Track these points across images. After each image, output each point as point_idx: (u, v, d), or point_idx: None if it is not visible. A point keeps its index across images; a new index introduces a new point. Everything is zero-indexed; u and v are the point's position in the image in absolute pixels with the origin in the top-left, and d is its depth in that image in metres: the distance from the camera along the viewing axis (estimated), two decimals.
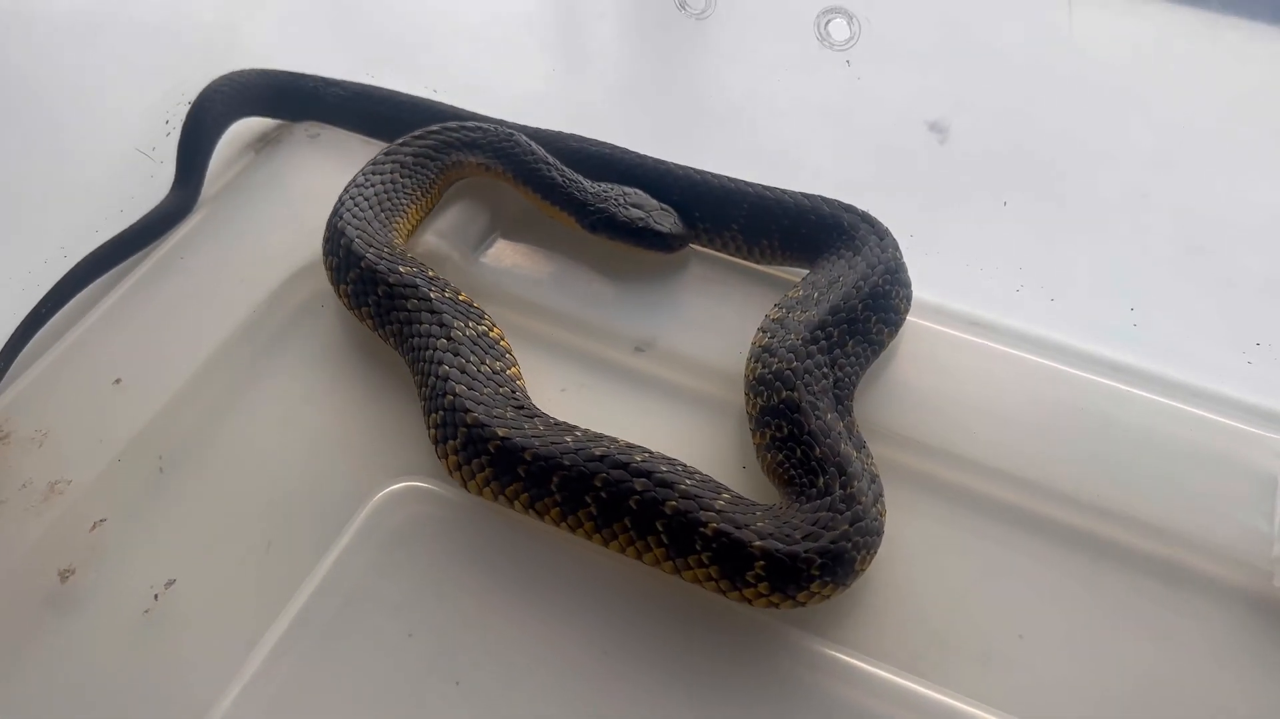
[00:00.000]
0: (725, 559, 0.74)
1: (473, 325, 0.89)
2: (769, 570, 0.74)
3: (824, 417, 0.82)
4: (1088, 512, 0.84)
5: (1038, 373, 0.92)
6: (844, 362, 0.87)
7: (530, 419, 0.82)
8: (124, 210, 1.02)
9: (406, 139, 1.03)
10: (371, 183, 0.98)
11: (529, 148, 1.02)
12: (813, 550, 0.74)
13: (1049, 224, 1.05)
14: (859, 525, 0.76)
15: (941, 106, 1.14)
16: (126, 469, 0.86)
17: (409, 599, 0.78)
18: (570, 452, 0.78)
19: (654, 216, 0.98)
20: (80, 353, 0.93)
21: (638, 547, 0.77)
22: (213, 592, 0.79)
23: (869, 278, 0.91)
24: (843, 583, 0.76)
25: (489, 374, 0.85)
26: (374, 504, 0.83)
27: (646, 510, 0.76)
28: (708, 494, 0.77)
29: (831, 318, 0.88)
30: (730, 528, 0.75)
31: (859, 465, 0.80)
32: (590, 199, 0.99)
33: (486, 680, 0.75)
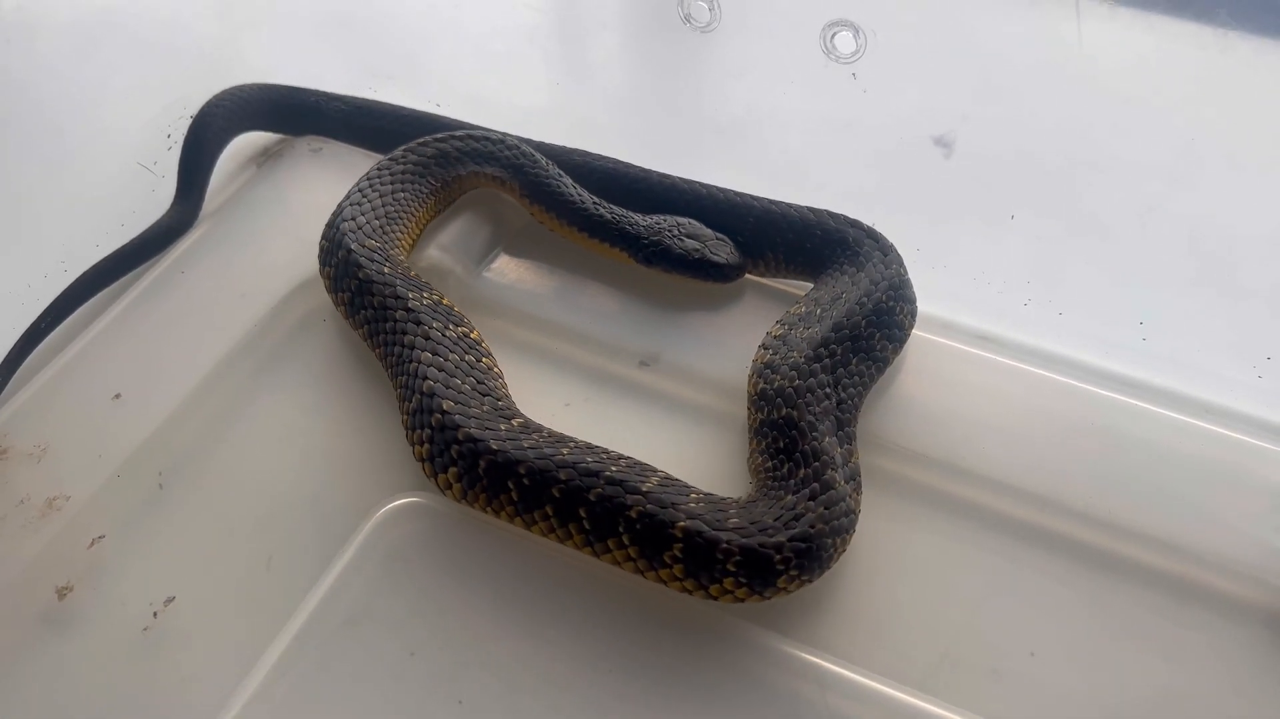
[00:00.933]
0: (696, 558, 0.74)
1: (453, 328, 0.88)
2: (742, 565, 0.74)
3: (820, 439, 0.81)
4: (1098, 527, 0.83)
5: (1046, 387, 0.91)
6: (847, 381, 0.86)
7: (506, 420, 0.82)
8: (125, 224, 1.02)
9: (411, 145, 1.02)
10: (375, 188, 0.98)
11: (556, 176, 1.00)
12: (787, 540, 0.74)
13: (1057, 237, 1.04)
14: (833, 511, 0.77)
15: (947, 120, 1.13)
16: (125, 485, 0.85)
17: (410, 617, 0.77)
18: (541, 457, 0.78)
19: (710, 247, 0.96)
20: (80, 367, 0.92)
21: (601, 548, 0.77)
22: (212, 609, 0.78)
23: (872, 294, 0.90)
24: (816, 572, 0.76)
25: (473, 387, 0.85)
26: (375, 521, 0.82)
27: (609, 513, 0.76)
28: (677, 495, 0.77)
29: (834, 334, 0.87)
30: (702, 526, 0.74)
31: (839, 459, 0.80)
32: (643, 232, 0.97)
33: (490, 699, 0.73)
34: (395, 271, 0.91)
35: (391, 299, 0.89)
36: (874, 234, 0.96)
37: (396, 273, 0.91)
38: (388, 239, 0.94)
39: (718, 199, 1.02)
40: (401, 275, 0.91)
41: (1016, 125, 1.12)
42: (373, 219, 0.95)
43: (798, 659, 0.75)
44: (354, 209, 0.95)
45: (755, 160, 1.13)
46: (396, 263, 0.92)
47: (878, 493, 0.85)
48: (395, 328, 0.87)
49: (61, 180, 1.03)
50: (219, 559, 0.81)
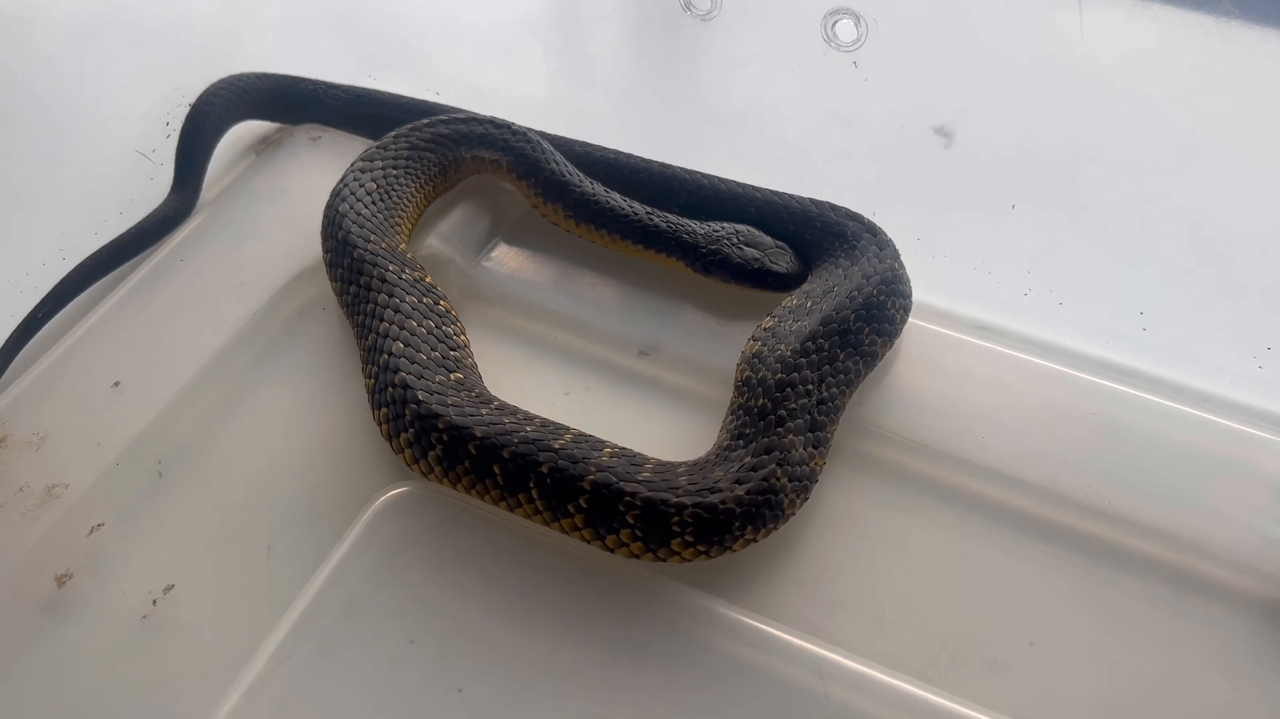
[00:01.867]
0: (650, 522, 0.75)
1: (426, 302, 0.89)
2: (694, 520, 0.75)
3: (786, 436, 0.81)
4: (1097, 517, 0.83)
5: (1046, 377, 0.91)
6: (831, 380, 0.86)
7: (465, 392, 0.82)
8: (124, 213, 1.01)
9: (419, 124, 1.02)
10: (373, 168, 0.98)
11: (583, 181, 0.99)
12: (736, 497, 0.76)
13: (1057, 228, 1.04)
14: (787, 469, 0.78)
15: (948, 110, 1.13)
16: (125, 473, 0.84)
17: (410, 606, 0.77)
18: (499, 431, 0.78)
19: (770, 256, 0.95)
20: (78, 356, 0.92)
21: (551, 516, 0.78)
22: (211, 598, 0.78)
23: (863, 288, 0.89)
24: (772, 526, 0.78)
25: (438, 361, 0.85)
26: (373, 511, 0.81)
27: (563, 483, 0.76)
28: (631, 464, 0.78)
29: (823, 328, 0.86)
30: (653, 492, 0.75)
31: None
32: (701, 241, 0.96)
33: (489, 689, 0.73)
34: (384, 247, 0.91)
35: (372, 271, 0.89)
36: (873, 228, 0.96)
37: (383, 248, 0.91)
38: (387, 219, 0.94)
39: (719, 190, 1.02)
40: (388, 250, 0.91)
41: (1017, 116, 1.12)
42: (372, 198, 0.96)
43: (798, 648, 0.75)
44: (353, 187, 0.96)
45: (756, 151, 1.13)
46: (390, 240, 0.93)
47: (878, 483, 0.86)
48: (369, 297, 0.88)
49: (60, 169, 1.03)
50: (218, 548, 0.81)
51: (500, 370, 0.93)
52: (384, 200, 0.96)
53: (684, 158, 1.05)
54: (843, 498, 0.85)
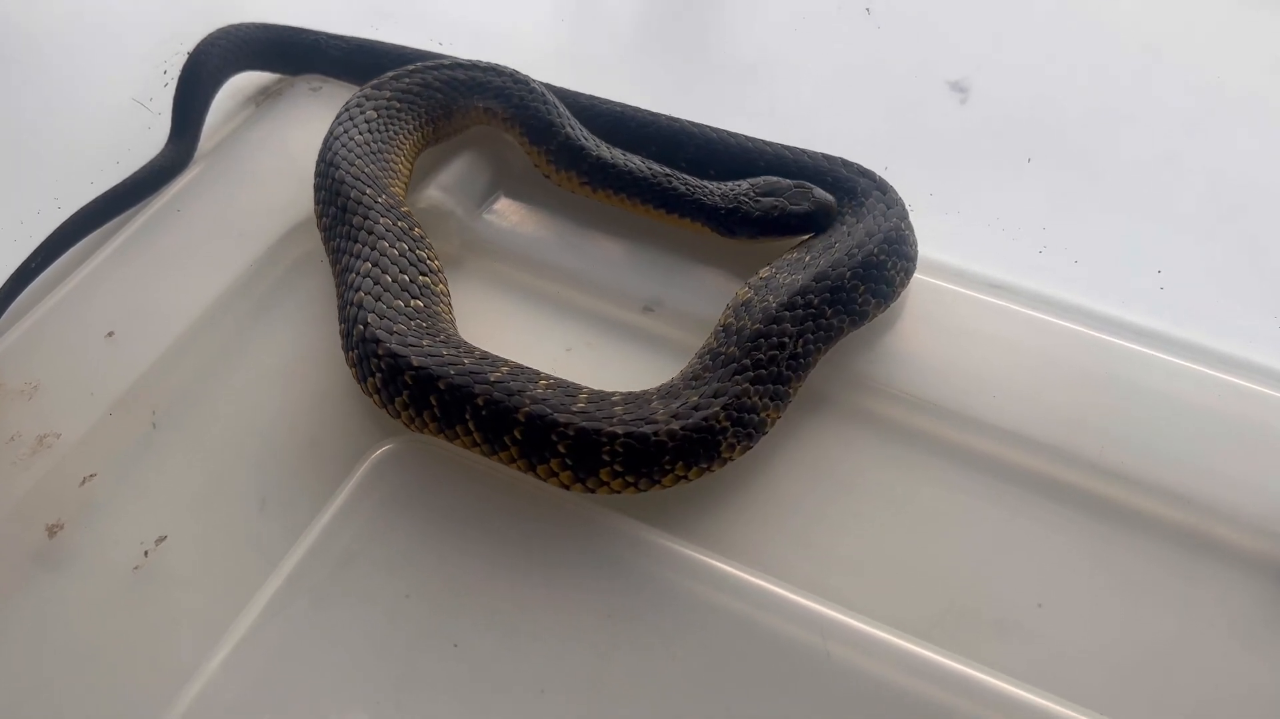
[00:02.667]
0: (580, 451, 0.75)
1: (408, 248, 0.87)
2: (625, 451, 0.75)
3: (741, 384, 0.79)
4: (1110, 479, 0.81)
5: (1060, 336, 0.89)
6: (811, 336, 0.83)
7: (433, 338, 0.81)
8: (120, 162, 1.00)
9: (415, 68, 1.00)
10: (367, 110, 0.97)
11: (596, 146, 0.96)
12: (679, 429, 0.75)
13: (1074, 186, 1.01)
14: (732, 414, 0.77)
15: (964, 64, 1.10)
16: (118, 423, 0.83)
17: (406, 559, 0.76)
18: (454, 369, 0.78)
19: (789, 198, 0.91)
20: (72, 305, 0.91)
21: (528, 464, 0.77)
22: (204, 549, 0.77)
23: (864, 246, 0.87)
24: (705, 465, 0.78)
25: (406, 303, 0.84)
26: (371, 462, 0.80)
27: (540, 430, 0.75)
28: (563, 397, 0.77)
29: (815, 284, 0.84)
30: (586, 422, 0.75)
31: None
32: (720, 202, 0.92)
33: (486, 643, 0.72)
34: (364, 172, 0.90)
35: (349, 193, 0.88)
36: (883, 185, 0.93)
37: (364, 173, 0.90)
38: (380, 156, 0.93)
39: (728, 144, 0.99)
40: (368, 176, 0.90)
41: (1035, 71, 1.10)
42: (365, 134, 0.94)
43: (799, 607, 0.73)
44: (345, 125, 0.95)
45: (766, 105, 1.10)
46: (382, 186, 0.91)
47: (885, 442, 0.84)
48: (345, 219, 0.87)
49: (56, 117, 1.02)
50: (212, 499, 0.80)
51: (501, 325, 0.91)
52: (378, 136, 0.95)
53: (692, 111, 1.02)
54: (848, 456, 0.83)
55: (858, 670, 0.71)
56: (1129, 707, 0.70)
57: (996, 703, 0.69)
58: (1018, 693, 0.69)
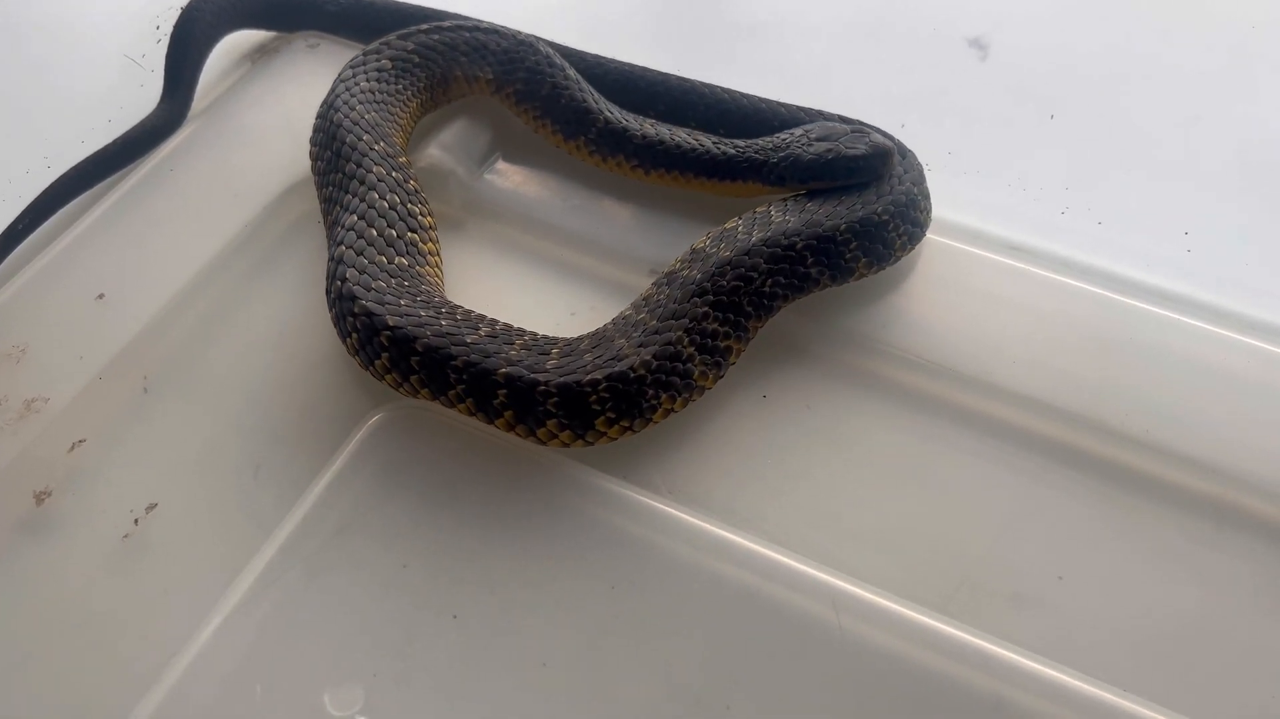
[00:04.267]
0: (519, 402, 0.74)
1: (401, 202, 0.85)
2: (560, 407, 0.73)
3: (700, 307, 0.77)
4: (1133, 446, 0.78)
5: (1082, 300, 0.86)
6: (783, 280, 0.81)
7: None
8: (113, 121, 0.97)
9: (429, 28, 0.97)
10: (380, 60, 0.94)
11: (640, 124, 0.91)
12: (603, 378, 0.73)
13: (1097, 146, 0.98)
14: (695, 338, 0.76)
15: (984, 20, 1.07)
16: (108, 388, 0.81)
17: (403, 528, 0.73)
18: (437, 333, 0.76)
19: (845, 142, 0.86)
20: (62, 267, 0.88)
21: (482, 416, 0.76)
22: (196, 517, 0.75)
23: (868, 204, 0.83)
24: (635, 419, 0.76)
25: (388, 260, 0.81)
26: (368, 429, 0.78)
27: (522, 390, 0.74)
28: (500, 344, 0.76)
29: (805, 229, 0.81)
30: (522, 371, 0.74)
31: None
32: (771, 155, 0.87)
33: (486, 614, 0.70)
34: (365, 119, 0.88)
35: (345, 138, 0.86)
36: (902, 149, 0.90)
37: (365, 119, 0.88)
38: (383, 111, 0.91)
39: (741, 105, 0.96)
40: (368, 123, 0.88)
41: (1057, 28, 1.06)
42: (371, 92, 0.92)
43: (809, 578, 0.71)
44: (353, 77, 0.92)
45: (780, 64, 1.07)
46: (381, 134, 0.89)
47: (899, 408, 0.81)
48: (342, 185, 0.85)
49: (46, 74, 0.99)
50: (205, 466, 0.77)
51: (502, 288, 0.89)
52: (384, 87, 0.93)
53: (703, 70, 0.99)
54: (860, 424, 0.80)
55: (870, 644, 0.68)
56: (1151, 680, 0.67)
57: (1014, 677, 0.66)
58: (1036, 667, 0.67)
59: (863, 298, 0.85)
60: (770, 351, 0.83)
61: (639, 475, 0.76)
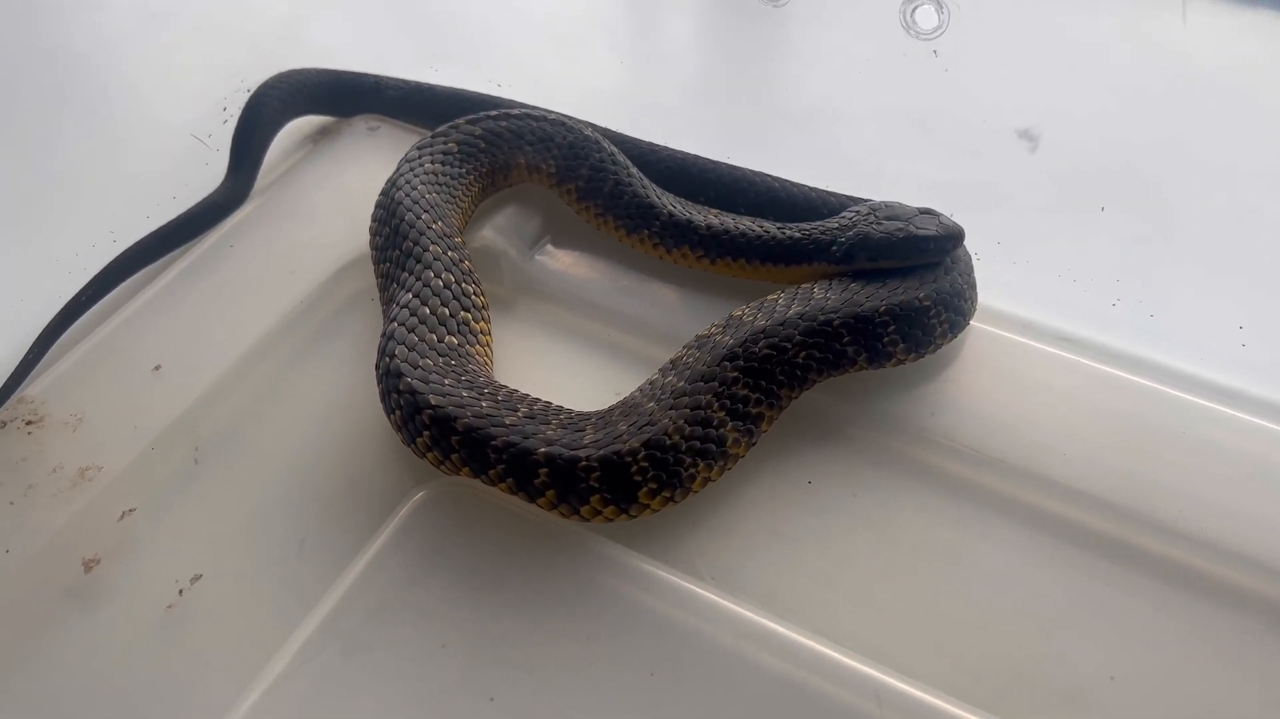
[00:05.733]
0: (561, 480, 0.74)
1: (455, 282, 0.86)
2: (602, 481, 0.73)
3: (730, 372, 0.77)
4: (1189, 544, 0.76)
5: (1135, 393, 0.84)
6: (817, 354, 0.81)
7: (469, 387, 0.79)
8: (177, 197, 1.00)
9: (498, 114, 1.00)
10: (447, 143, 0.96)
11: (702, 215, 0.92)
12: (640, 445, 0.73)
13: (1149, 237, 0.97)
14: (725, 402, 0.76)
15: (1034, 112, 1.07)
16: (160, 457, 0.82)
17: (443, 608, 0.73)
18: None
19: (915, 223, 0.85)
20: (121, 338, 0.90)
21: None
22: (240, 589, 0.75)
23: (909, 289, 0.83)
24: (677, 488, 0.76)
25: (438, 339, 0.82)
26: (411, 506, 0.78)
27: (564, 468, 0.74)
28: (538, 425, 0.76)
29: (843, 307, 0.81)
30: (561, 450, 0.74)
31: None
32: (837, 234, 0.87)
33: (522, 698, 0.69)
34: (433, 218, 0.89)
35: (410, 240, 0.87)
36: None
37: (435, 219, 0.89)
38: (444, 192, 0.93)
39: (791, 193, 0.97)
40: (427, 203, 0.90)
41: (1110, 120, 1.06)
42: (434, 174, 0.94)
43: (852, 670, 0.69)
44: (418, 158, 0.95)
45: (830, 151, 1.08)
46: (440, 213, 0.90)
47: (947, 498, 0.80)
48: (400, 262, 0.87)
49: (116, 151, 1.02)
50: (250, 538, 0.78)
51: (550, 367, 0.89)
52: (447, 169, 0.95)
53: (754, 156, 1.00)
54: (908, 513, 0.79)
55: None
56: None
57: None
58: None
59: (910, 383, 0.85)
60: (816, 436, 0.82)
61: (680, 559, 0.76)
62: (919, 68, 0.98)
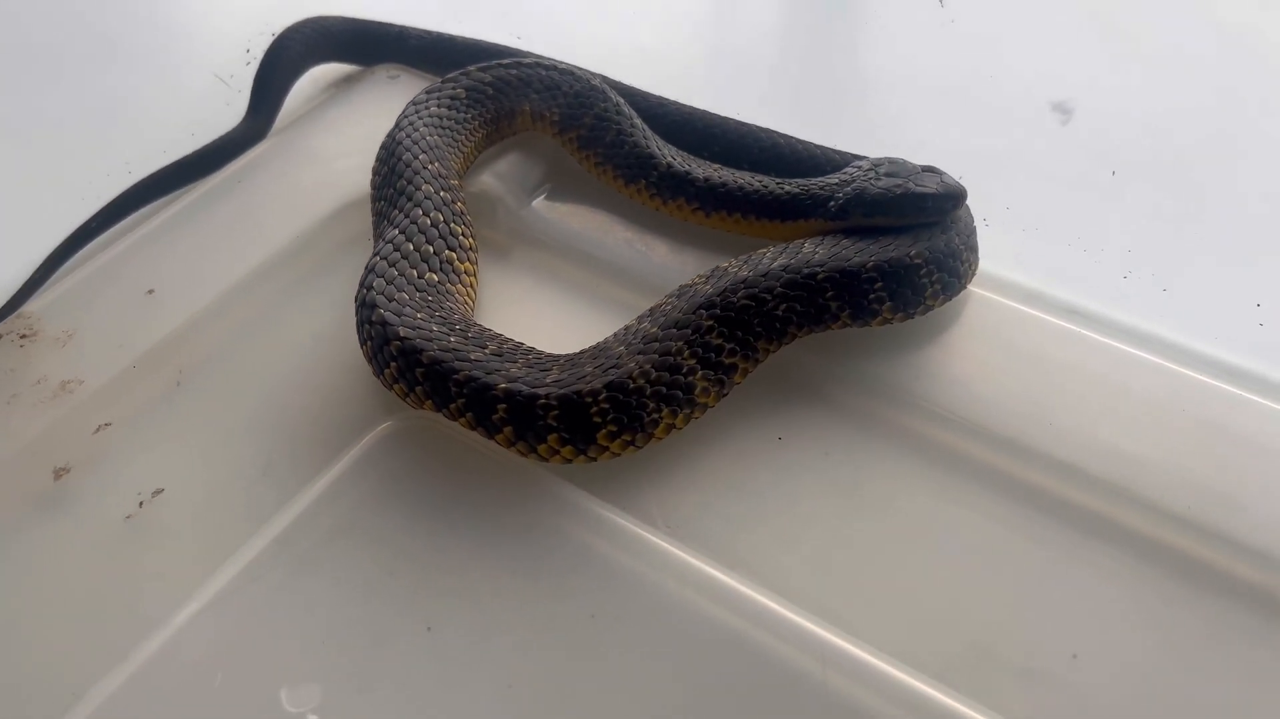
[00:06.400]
0: (519, 417, 0.73)
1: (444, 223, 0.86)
2: (561, 420, 0.72)
3: (705, 320, 0.75)
4: (1177, 526, 0.72)
5: (1139, 369, 0.80)
6: (799, 307, 0.78)
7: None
8: (195, 134, 1.02)
9: (510, 62, 1.00)
10: (455, 88, 0.97)
11: (700, 167, 0.90)
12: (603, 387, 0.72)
13: (1169, 212, 0.92)
14: (696, 350, 0.75)
15: (1070, 86, 1.03)
16: (141, 376, 0.83)
17: (396, 537, 0.73)
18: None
19: (914, 179, 0.82)
20: (120, 263, 0.92)
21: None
22: (198, 505, 0.76)
23: (900, 247, 0.80)
24: (688, 411, 0.75)
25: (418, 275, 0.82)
26: (376, 436, 0.78)
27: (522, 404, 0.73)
28: (504, 362, 0.75)
29: (830, 260, 0.79)
30: (521, 387, 0.73)
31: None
32: (834, 189, 0.84)
33: (460, 629, 0.68)
34: (430, 159, 0.89)
35: (405, 179, 0.87)
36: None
37: (431, 160, 0.89)
38: (447, 135, 0.93)
39: (797, 150, 0.95)
40: (429, 146, 0.90)
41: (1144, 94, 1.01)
42: (438, 116, 0.94)
43: (800, 628, 0.67)
44: (424, 103, 0.95)
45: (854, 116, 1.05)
46: (438, 155, 0.90)
47: (925, 464, 0.77)
48: (392, 200, 0.87)
49: (139, 87, 1.04)
50: (216, 458, 0.78)
51: (539, 314, 0.89)
52: (452, 113, 0.95)
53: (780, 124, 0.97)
54: (881, 477, 0.76)
55: (857, 705, 0.64)
56: None
57: None
58: None
59: (897, 346, 0.82)
60: (791, 392, 0.80)
61: (637, 507, 0.74)
62: (951, 37, 0.95)
